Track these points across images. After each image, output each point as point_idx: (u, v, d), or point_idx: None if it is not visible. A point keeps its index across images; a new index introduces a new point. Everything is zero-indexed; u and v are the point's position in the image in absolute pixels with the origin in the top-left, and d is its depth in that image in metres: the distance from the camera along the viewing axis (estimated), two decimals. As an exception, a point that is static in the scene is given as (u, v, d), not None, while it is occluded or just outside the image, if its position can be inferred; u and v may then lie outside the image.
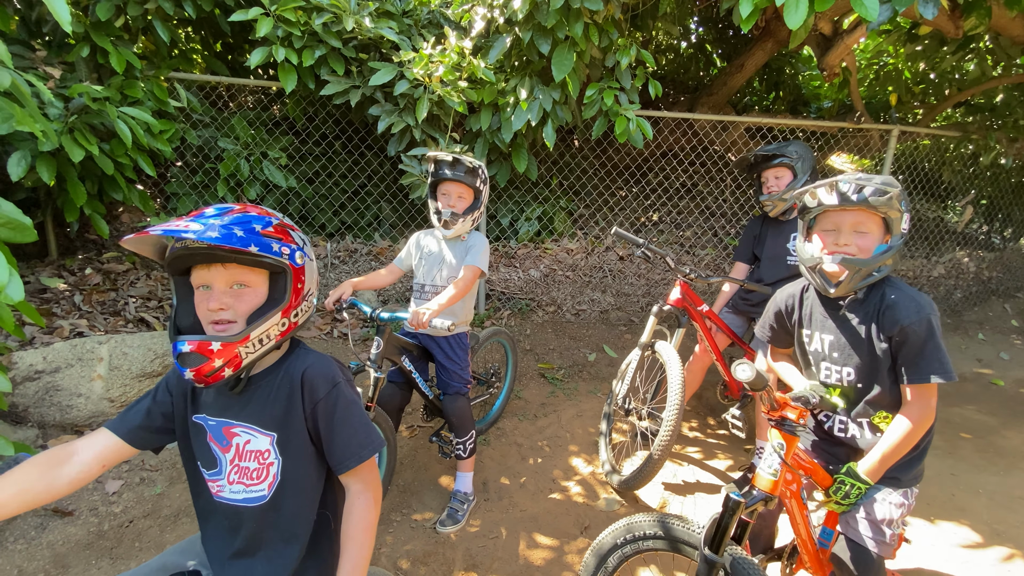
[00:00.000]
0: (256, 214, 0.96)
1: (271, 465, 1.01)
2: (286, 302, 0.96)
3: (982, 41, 4.46)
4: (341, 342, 3.35)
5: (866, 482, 1.37)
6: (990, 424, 3.24)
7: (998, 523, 2.32)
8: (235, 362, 0.93)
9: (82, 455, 0.96)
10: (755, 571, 1.23)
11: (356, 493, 1.02)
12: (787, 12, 2.39)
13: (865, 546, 1.38)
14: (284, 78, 3.09)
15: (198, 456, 1.04)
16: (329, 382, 1.02)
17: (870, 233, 1.36)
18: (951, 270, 4.91)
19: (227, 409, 1.01)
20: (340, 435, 1.01)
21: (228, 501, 1.01)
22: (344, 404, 1.02)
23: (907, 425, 1.34)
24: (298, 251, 0.98)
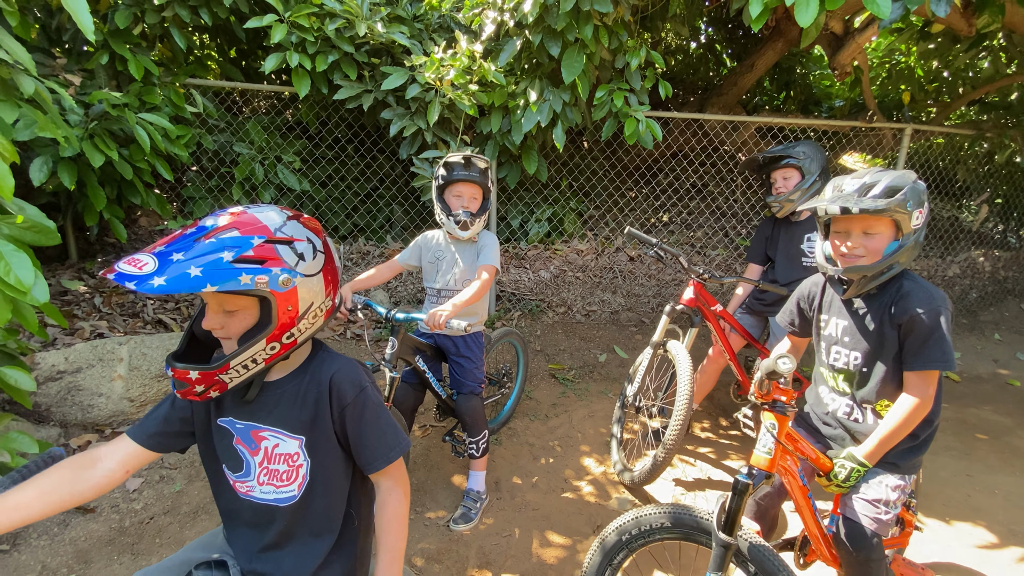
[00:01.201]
0: (238, 235, 0.88)
1: (300, 467, 1.03)
2: (270, 329, 0.92)
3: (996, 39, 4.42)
4: (354, 342, 3.38)
5: (865, 464, 1.41)
6: (1006, 425, 3.20)
7: (1015, 523, 2.30)
8: (219, 386, 0.93)
9: (106, 462, 0.99)
10: (768, 551, 1.26)
11: (387, 489, 1.06)
12: (798, 11, 2.39)
13: (860, 523, 1.41)
14: (298, 83, 3.14)
15: (223, 458, 1.05)
16: (356, 387, 1.03)
17: (880, 234, 1.38)
18: (966, 270, 4.86)
19: (254, 413, 1.03)
20: (369, 438, 1.04)
21: (259, 500, 1.04)
22: (372, 408, 1.04)
23: (905, 411, 1.38)
24: (283, 274, 0.90)
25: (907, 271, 1.47)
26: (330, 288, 1.01)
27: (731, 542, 1.26)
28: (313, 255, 0.96)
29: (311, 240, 0.97)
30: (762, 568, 1.26)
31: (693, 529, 1.33)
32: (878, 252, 1.38)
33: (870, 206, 1.32)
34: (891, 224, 1.37)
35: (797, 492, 1.47)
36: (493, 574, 1.94)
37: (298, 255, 0.93)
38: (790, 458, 1.44)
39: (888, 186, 1.34)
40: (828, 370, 1.57)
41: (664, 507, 1.37)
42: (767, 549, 1.27)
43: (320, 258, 0.98)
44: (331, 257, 1.02)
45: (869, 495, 1.44)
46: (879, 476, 1.45)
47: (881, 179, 1.36)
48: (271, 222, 0.93)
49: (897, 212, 1.32)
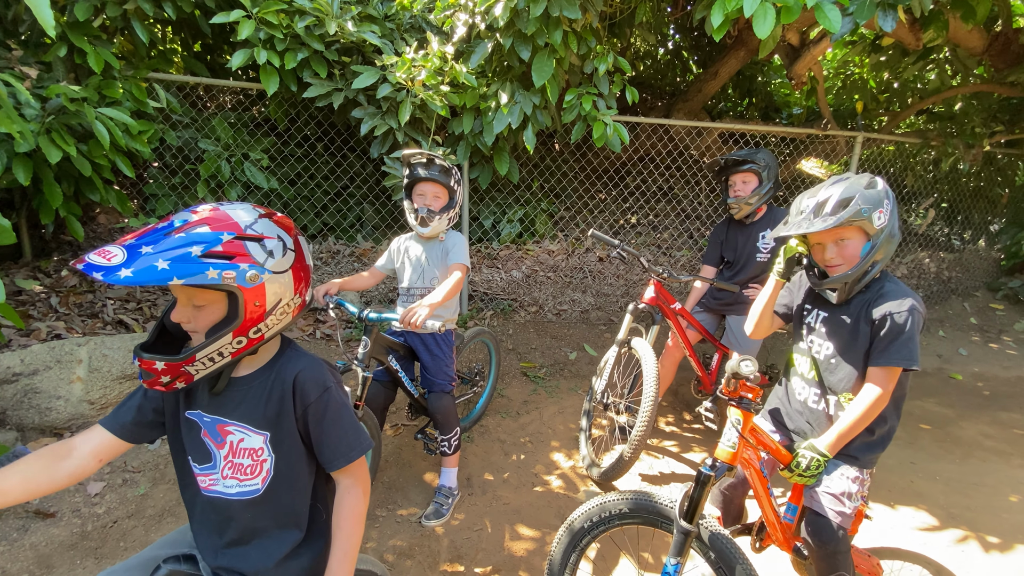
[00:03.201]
0: (208, 231, 0.90)
1: (264, 462, 1.05)
2: (237, 323, 0.94)
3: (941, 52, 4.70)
4: (324, 342, 3.36)
5: (825, 455, 1.47)
6: (948, 416, 3.42)
7: (953, 507, 2.47)
8: (185, 377, 0.94)
9: (80, 450, 1.01)
10: (725, 538, 1.34)
11: (346, 487, 1.08)
12: (756, 22, 2.51)
13: (827, 516, 1.48)
14: (266, 80, 3.10)
15: (189, 451, 1.06)
16: (320, 387, 1.05)
17: (850, 240, 1.45)
18: (913, 270, 5.15)
19: (221, 407, 1.04)
20: (330, 437, 1.06)
21: (221, 495, 1.05)
22: (335, 408, 1.06)
23: (863, 405, 1.46)
24: (251, 269, 0.92)
25: (890, 275, 1.56)
26: (300, 286, 1.03)
27: (691, 529, 1.33)
28: (283, 253, 0.98)
29: (282, 238, 0.99)
30: (719, 553, 1.33)
31: (654, 515, 1.40)
32: (854, 257, 1.45)
33: (823, 226, 1.39)
34: (858, 230, 1.44)
35: (757, 482, 1.54)
36: (465, 568, 1.98)
37: (267, 252, 0.95)
38: (752, 451, 1.51)
39: (839, 200, 1.41)
40: (805, 356, 1.64)
41: (627, 494, 1.44)
42: (724, 536, 1.34)
43: (290, 256, 1.00)
44: (302, 256, 1.03)
45: (833, 488, 1.50)
46: (840, 468, 1.52)
47: (832, 193, 1.43)
48: (242, 219, 0.95)
49: (854, 221, 1.39)
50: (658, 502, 1.40)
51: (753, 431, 1.48)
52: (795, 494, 1.64)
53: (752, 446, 1.50)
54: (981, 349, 4.51)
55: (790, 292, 1.72)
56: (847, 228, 1.43)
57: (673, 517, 1.36)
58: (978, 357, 4.36)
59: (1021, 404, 3.62)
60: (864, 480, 1.55)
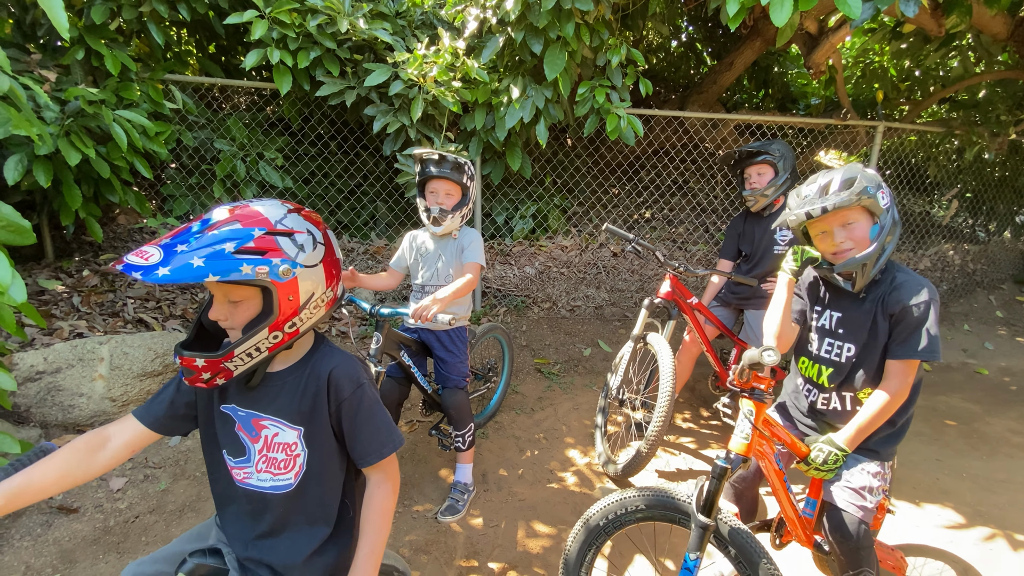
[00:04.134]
0: (239, 227, 0.92)
1: (298, 457, 1.06)
2: (272, 318, 0.95)
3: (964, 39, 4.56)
4: (339, 339, 3.38)
5: (844, 450, 1.44)
6: (974, 411, 3.33)
7: (980, 505, 2.40)
8: (225, 373, 0.96)
9: (115, 441, 1.04)
10: (745, 533, 1.31)
11: (376, 483, 1.09)
12: (773, 10, 2.45)
13: (849, 511, 1.45)
14: (279, 80, 3.12)
15: (223, 444, 1.08)
16: (354, 383, 1.06)
17: (858, 222, 1.42)
18: (937, 263, 5.02)
19: (256, 402, 1.06)
20: (363, 433, 1.07)
21: (255, 488, 1.06)
22: (368, 404, 1.07)
23: (884, 398, 1.42)
24: (284, 264, 0.94)
25: (898, 265, 1.52)
26: (331, 279, 1.04)
27: (709, 523, 1.31)
28: (313, 246, 0.99)
29: (311, 232, 1.00)
30: (739, 547, 1.32)
31: (671, 510, 1.38)
32: (864, 239, 1.42)
33: (836, 201, 1.38)
34: (864, 211, 1.42)
35: (773, 476, 1.52)
36: (480, 564, 1.98)
37: (298, 246, 0.96)
38: (766, 443, 1.49)
39: (843, 179, 1.40)
40: (812, 361, 1.59)
41: (644, 490, 1.42)
42: (744, 530, 1.32)
43: (320, 249, 1.01)
44: (332, 249, 1.05)
45: (854, 483, 1.46)
46: (860, 463, 1.49)
47: (833, 176, 1.42)
48: (272, 215, 0.96)
49: (864, 198, 1.38)
50: (675, 497, 1.38)
51: (766, 422, 1.45)
52: (813, 488, 1.61)
53: (766, 438, 1.47)
54: (1008, 343, 4.38)
55: (799, 299, 1.65)
56: (854, 209, 1.41)
57: (691, 512, 1.34)
58: (1005, 351, 4.24)
59: (1051, 400, 3.52)
60: (885, 474, 1.51)
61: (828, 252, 1.48)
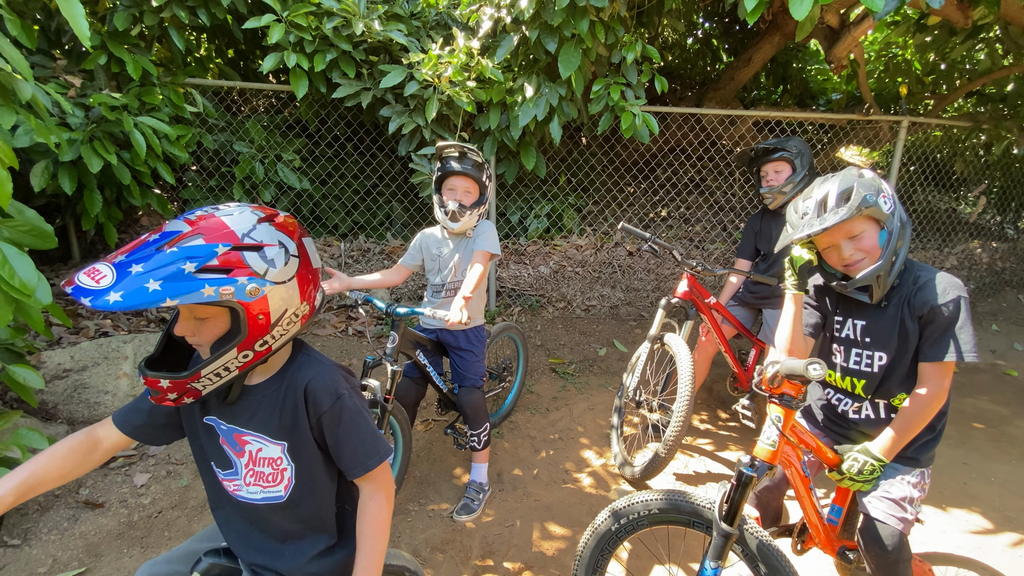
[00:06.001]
0: (202, 243, 0.84)
1: (285, 470, 1.03)
2: (241, 338, 0.90)
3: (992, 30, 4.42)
4: (356, 338, 3.41)
5: (882, 460, 1.39)
6: (1003, 414, 3.23)
7: (1009, 510, 2.33)
8: (192, 393, 0.92)
9: (104, 445, 1.04)
10: (769, 544, 1.27)
11: (368, 494, 1.05)
12: (792, 4, 2.40)
13: (888, 523, 1.38)
14: (295, 83, 3.16)
15: (211, 456, 1.06)
16: (332, 394, 1.02)
17: (864, 232, 1.37)
18: (964, 261, 4.88)
19: (236, 416, 1.02)
20: (346, 446, 1.03)
21: (247, 500, 1.05)
22: (349, 416, 1.03)
23: (922, 404, 1.36)
24: (251, 283, 0.87)
25: (918, 263, 1.46)
26: (308, 292, 0.98)
27: (733, 532, 1.27)
28: (285, 260, 0.92)
29: (283, 243, 0.93)
30: (763, 559, 1.27)
31: (690, 515, 1.35)
32: (875, 248, 1.37)
33: (835, 219, 1.32)
34: (869, 220, 1.36)
35: (799, 482, 1.46)
36: (496, 564, 1.98)
37: (268, 261, 0.89)
38: (793, 450, 1.44)
39: (839, 193, 1.34)
40: (841, 374, 1.53)
41: (662, 493, 1.40)
42: (768, 541, 1.28)
43: (294, 263, 0.94)
44: (307, 260, 0.98)
45: (893, 493, 1.40)
46: (900, 473, 1.43)
47: (829, 189, 1.36)
48: (239, 227, 0.89)
49: (865, 209, 1.32)
50: (695, 502, 1.35)
51: (794, 429, 1.41)
52: (839, 496, 1.56)
53: (793, 444, 1.43)
54: (1039, 344, 4.24)
55: (814, 310, 1.59)
56: (858, 220, 1.35)
57: (712, 519, 1.31)
58: (1036, 352, 4.11)
59: (1083, 402, 3.40)
60: (925, 483, 1.45)
61: (838, 265, 1.43)
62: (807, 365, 1.20)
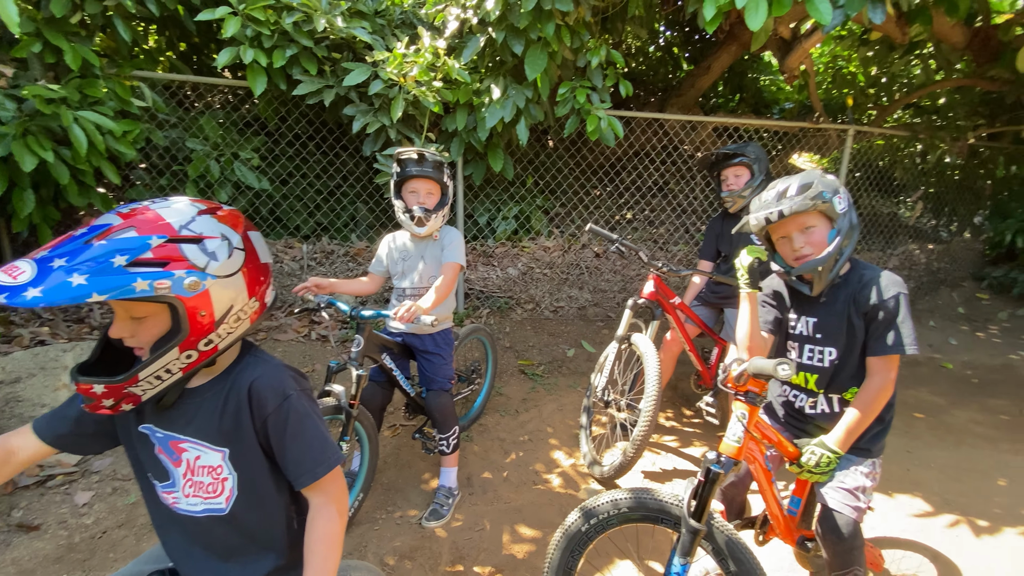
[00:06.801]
0: (134, 235, 0.79)
1: (225, 480, 0.96)
2: (182, 337, 0.84)
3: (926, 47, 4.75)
4: (320, 344, 3.31)
5: (836, 452, 1.45)
6: (940, 404, 3.45)
7: (948, 493, 2.48)
8: (131, 399, 0.86)
9: (19, 456, 0.95)
10: (732, 535, 1.31)
11: (317, 506, 0.99)
12: (748, 15, 2.51)
13: (843, 512, 1.45)
14: (252, 80, 3.04)
15: (147, 467, 0.98)
16: (279, 395, 0.96)
17: (816, 226, 1.45)
18: (904, 262, 5.20)
19: (172, 422, 0.95)
20: (293, 451, 0.96)
21: (187, 513, 0.97)
22: (296, 419, 0.96)
23: (871, 396, 1.44)
24: (190, 276, 0.82)
25: (861, 261, 1.55)
26: (256, 288, 0.93)
27: (700, 528, 1.29)
28: (229, 253, 0.87)
29: (227, 236, 0.88)
30: (731, 554, 1.30)
31: (658, 513, 1.37)
32: (822, 243, 1.45)
33: (792, 206, 1.40)
34: (822, 216, 1.44)
35: (761, 476, 1.51)
36: (466, 568, 1.95)
37: (209, 254, 0.84)
38: (756, 445, 1.49)
39: (800, 185, 1.42)
40: (797, 369, 1.58)
41: (630, 492, 1.41)
42: (734, 535, 1.31)
43: (239, 256, 0.89)
44: (254, 254, 0.93)
45: (847, 484, 1.47)
46: (853, 464, 1.50)
47: (792, 182, 1.45)
48: (176, 218, 0.84)
49: (820, 203, 1.40)
50: (663, 500, 1.37)
51: (757, 425, 1.46)
52: (799, 487, 1.62)
53: (757, 440, 1.48)
54: (969, 338, 4.56)
55: (771, 307, 1.66)
56: (812, 214, 1.43)
57: (681, 515, 1.33)
58: (967, 346, 4.41)
59: (1007, 390, 3.67)
60: (876, 473, 1.53)
61: (789, 257, 1.51)
62: (776, 365, 1.24)
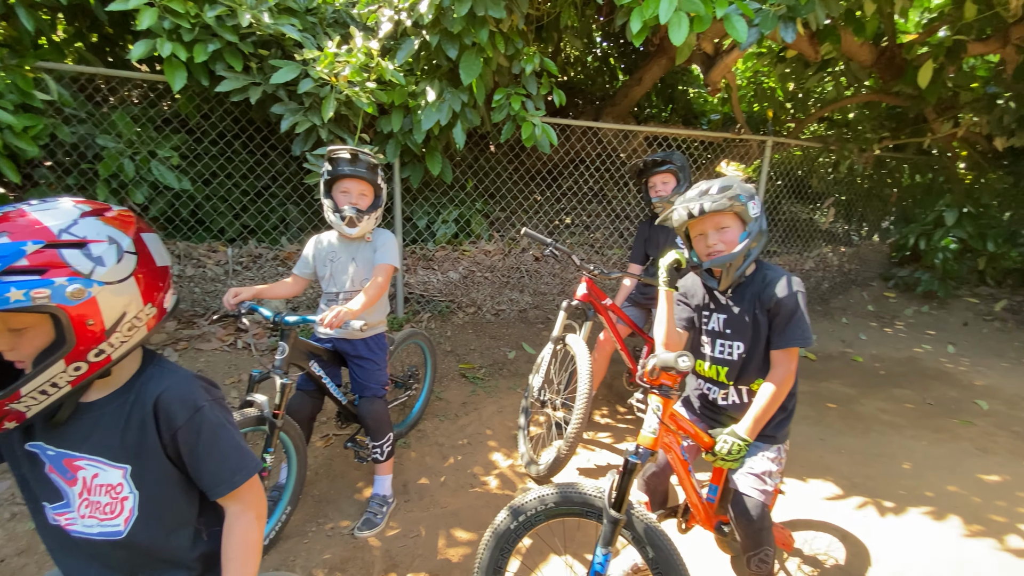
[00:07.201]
0: (7, 241, 0.74)
1: (125, 500, 0.91)
2: (67, 349, 0.80)
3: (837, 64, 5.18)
4: (246, 352, 3.16)
5: (746, 440, 1.56)
6: (851, 395, 3.75)
7: (856, 477, 2.70)
8: (14, 416, 0.80)
9: None
10: (650, 523, 1.37)
11: (235, 514, 0.97)
12: (671, 30, 2.64)
13: (752, 496, 1.56)
14: (171, 74, 2.88)
15: (36, 488, 0.92)
16: (189, 407, 0.92)
17: (730, 227, 1.57)
18: (819, 263, 5.62)
19: (66, 438, 0.89)
20: (208, 463, 0.94)
21: (83, 535, 0.91)
22: (209, 430, 0.94)
23: (773, 387, 1.56)
24: (73, 284, 0.77)
25: (766, 262, 1.68)
26: (152, 293, 0.88)
27: (620, 517, 1.35)
28: (118, 257, 0.83)
29: (115, 240, 0.84)
30: (649, 541, 1.36)
31: (582, 506, 1.42)
32: (733, 242, 1.57)
33: (711, 204, 1.52)
34: (736, 218, 1.57)
35: (679, 466, 1.61)
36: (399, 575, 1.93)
37: (94, 259, 0.80)
38: (673, 436, 1.57)
39: (721, 187, 1.55)
40: (710, 363, 1.71)
41: (555, 488, 1.45)
42: (652, 522, 1.38)
43: (130, 260, 0.85)
44: (148, 257, 0.88)
45: (756, 469, 1.58)
46: (760, 451, 1.61)
47: (714, 183, 1.57)
48: (56, 221, 0.79)
49: (736, 205, 1.53)
50: (586, 493, 1.42)
51: (673, 417, 1.53)
52: (715, 475, 1.72)
53: (673, 432, 1.56)
54: (878, 333, 4.99)
55: (686, 306, 1.77)
56: (727, 215, 1.55)
57: (602, 507, 1.38)
58: (875, 340, 4.82)
59: (911, 381, 4.04)
60: (781, 458, 1.65)
61: (703, 253, 1.62)
62: (676, 357, 1.34)
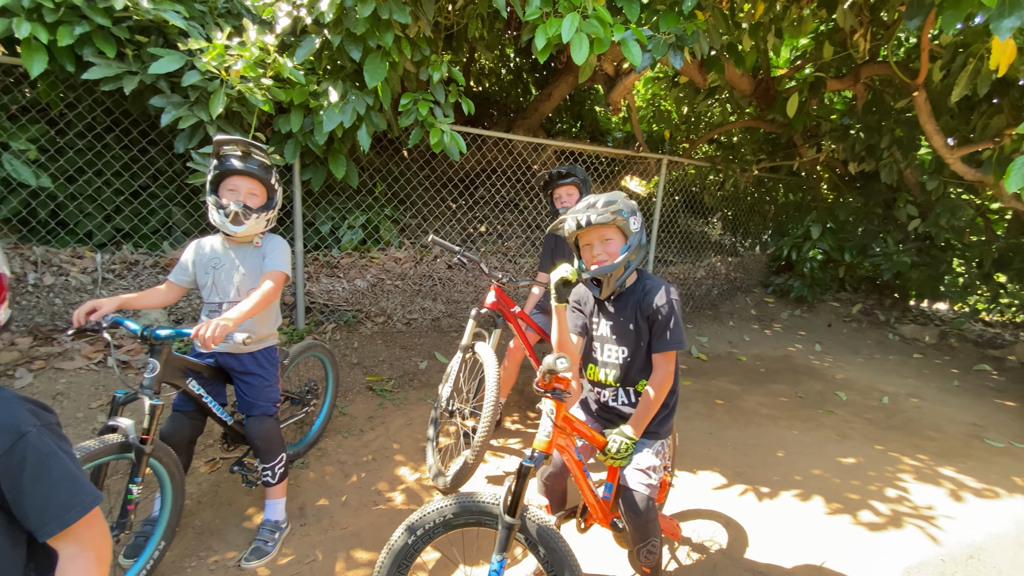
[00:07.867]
0: None
1: None
2: None
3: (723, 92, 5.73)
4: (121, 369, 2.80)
5: (632, 438, 1.66)
6: (735, 391, 4.12)
7: (740, 467, 2.96)
8: None
9: None
10: (543, 524, 1.39)
11: (69, 557, 0.87)
12: (573, 49, 2.76)
13: (639, 491, 1.66)
14: (28, 58, 2.51)
15: None
16: (11, 434, 0.83)
17: (613, 239, 1.67)
18: (710, 272, 6.14)
19: None
20: (33, 498, 0.84)
21: None
22: (36, 459, 0.85)
23: (657, 387, 1.68)
24: None
25: (647, 273, 1.81)
26: None
27: (514, 522, 1.36)
28: None
29: None
30: (542, 542, 1.39)
31: (479, 514, 1.41)
32: (615, 254, 1.67)
33: (595, 216, 1.61)
34: (618, 231, 1.67)
35: (574, 467, 1.67)
36: (291, 607, 1.79)
37: None
38: (567, 439, 1.63)
39: (605, 202, 1.65)
40: (600, 366, 1.81)
41: (450, 499, 1.43)
42: (546, 525, 1.41)
43: None
44: None
45: (642, 464, 1.68)
46: (645, 447, 1.73)
47: (600, 198, 1.67)
48: None
49: (618, 220, 1.63)
50: (483, 501, 1.41)
51: (567, 419, 1.59)
52: (610, 474, 1.80)
53: (567, 434, 1.61)
54: (759, 335, 5.54)
55: (580, 312, 1.86)
56: (610, 228, 1.65)
57: (497, 513, 1.39)
58: (757, 341, 5.35)
59: (785, 377, 4.53)
60: (665, 452, 1.78)
61: (589, 262, 1.72)
62: (555, 359, 1.40)
